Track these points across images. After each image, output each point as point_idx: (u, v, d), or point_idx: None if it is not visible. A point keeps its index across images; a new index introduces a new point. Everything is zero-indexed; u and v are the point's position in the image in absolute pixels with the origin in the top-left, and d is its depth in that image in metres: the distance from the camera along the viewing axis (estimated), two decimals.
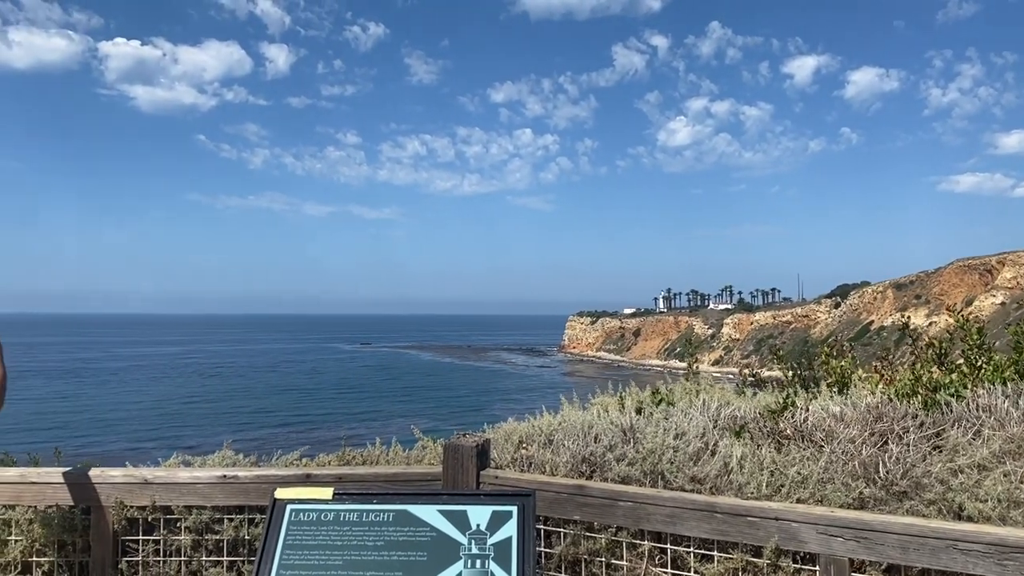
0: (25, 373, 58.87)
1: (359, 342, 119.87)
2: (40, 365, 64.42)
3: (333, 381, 57.23)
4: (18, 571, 3.14)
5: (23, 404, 38.03)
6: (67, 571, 3.13)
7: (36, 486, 3.09)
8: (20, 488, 3.10)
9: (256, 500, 3.09)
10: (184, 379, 59.10)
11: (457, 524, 2.53)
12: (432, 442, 3.66)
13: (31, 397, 42.05)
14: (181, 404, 45.62)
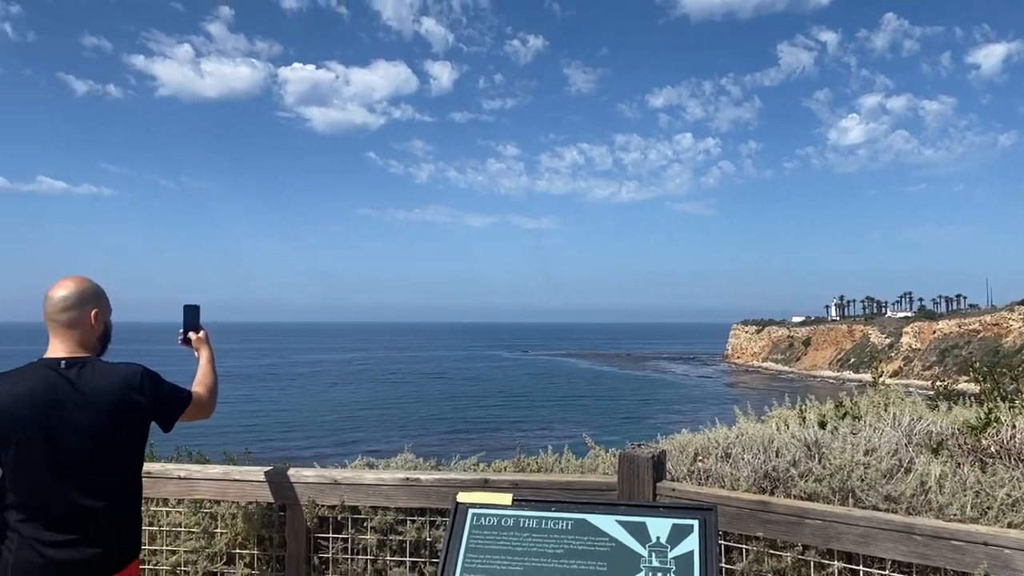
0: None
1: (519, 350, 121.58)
2: (228, 371, 69.73)
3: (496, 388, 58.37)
4: (224, 561, 3.40)
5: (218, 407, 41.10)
6: (266, 564, 3.36)
7: (238, 483, 3.33)
8: (224, 485, 3.35)
9: (437, 503, 3.18)
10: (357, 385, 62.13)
11: (636, 535, 2.50)
12: (604, 452, 3.65)
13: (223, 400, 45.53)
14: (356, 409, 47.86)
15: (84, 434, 2.52)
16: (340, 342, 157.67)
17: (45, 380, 2.54)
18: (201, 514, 3.43)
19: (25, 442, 2.48)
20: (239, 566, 3.36)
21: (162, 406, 2.72)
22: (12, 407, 2.48)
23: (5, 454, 2.49)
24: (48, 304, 2.64)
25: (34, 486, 2.50)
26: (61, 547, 2.49)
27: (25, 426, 2.47)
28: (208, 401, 2.96)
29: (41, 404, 2.50)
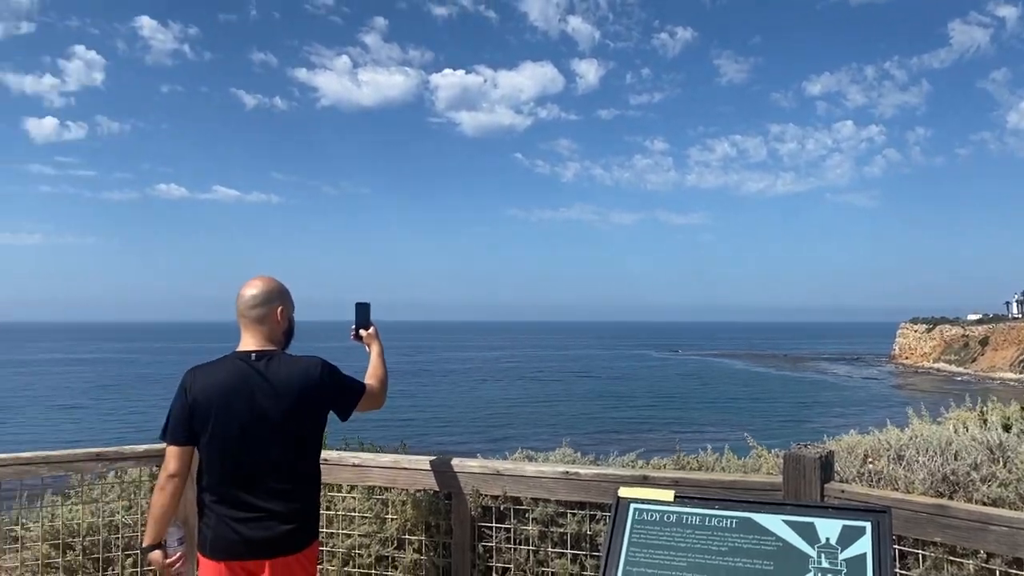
0: None
1: (668, 349, 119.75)
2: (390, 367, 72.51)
3: (645, 388, 57.82)
4: (395, 546, 3.59)
5: None
6: (433, 550, 3.52)
7: (407, 471, 3.50)
8: (394, 472, 3.53)
9: (596, 497, 3.23)
10: (507, 382, 63.27)
11: (804, 536, 2.45)
12: (767, 452, 3.58)
13: None
14: (505, 405, 48.66)
15: (272, 420, 2.75)
16: (489, 340, 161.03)
17: (238, 371, 2.79)
18: (373, 500, 3.64)
19: (220, 427, 2.74)
20: (408, 551, 3.53)
21: (340, 396, 2.92)
22: (210, 395, 2.75)
23: (203, 438, 2.76)
24: (240, 301, 2.89)
25: (228, 468, 2.75)
26: (252, 525, 2.72)
27: (220, 412, 2.73)
28: (380, 392, 3.13)
29: (234, 393, 2.75)
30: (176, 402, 2.80)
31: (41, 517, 3.82)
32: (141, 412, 42.23)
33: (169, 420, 2.81)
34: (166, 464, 2.79)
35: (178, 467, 2.77)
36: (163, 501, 2.77)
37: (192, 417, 2.75)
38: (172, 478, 2.77)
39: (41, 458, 3.54)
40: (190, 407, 2.75)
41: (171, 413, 2.81)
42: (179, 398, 2.79)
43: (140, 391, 53.33)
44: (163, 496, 2.77)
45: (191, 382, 2.79)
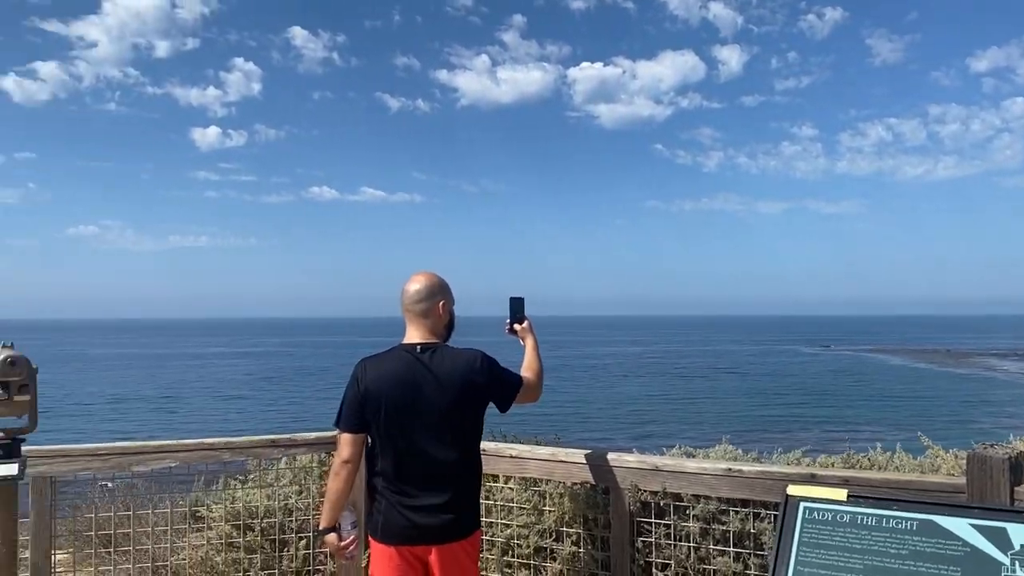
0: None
1: (818, 344, 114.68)
2: None
3: (795, 384, 55.62)
4: (552, 538, 3.63)
5: None
6: (591, 543, 3.53)
7: (564, 464, 3.53)
8: (551, 465, 3.57)
9: (760, 495, 3.14)
10: (649, 378, 62.45)
11: (995, 542, 2.29)
12: (944, 452, 3.37)
13: None
14: (647, 402, 48.07)
15: (437, 411, 2.84)
16: (630, 335, 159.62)
17: (405, 363, 2.90)
18: (531, 491, 3.69)
19: (389, 416, 2.86)
20: (566, 543, 3.56)
21: (499, 389, 2.99)
22: (380, 385, 2.88)
23: (374, 426, 2.89)
24: (404, 296, 3.01)
25: (397, 457, 2.87)
26: (420, 512, 2.83)
27: (389, 402, 2.85)
28: (536, 385, 3.18)
29: (402, 384, 2.86)
30: (349, 391, 2.94)
31: (224, 499, 4.11)
32: (299, 403, 44.61)
33: (342, 408, 2.96)
34: (340, 450, 2.94)
35: (351, 454, 2.92)
36: (338, 486, 2.93)
37: (364, 406, 2.88)
38: (346, 464, 2.92)
39: (224, 444, 3.81)
40: (362, 396, 2.89)
41: (344, 402, 2.96)
42: (351, 387, 2.93)
43: (298, 383, 56.25)
44: (338, 481, 2.92)
45: (363, 372, 2.93)
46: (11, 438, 3.00)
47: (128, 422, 34.05)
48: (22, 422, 3.04)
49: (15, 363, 2.88)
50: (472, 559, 2.94)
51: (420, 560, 2.84)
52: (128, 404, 41.52)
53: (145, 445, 3.71)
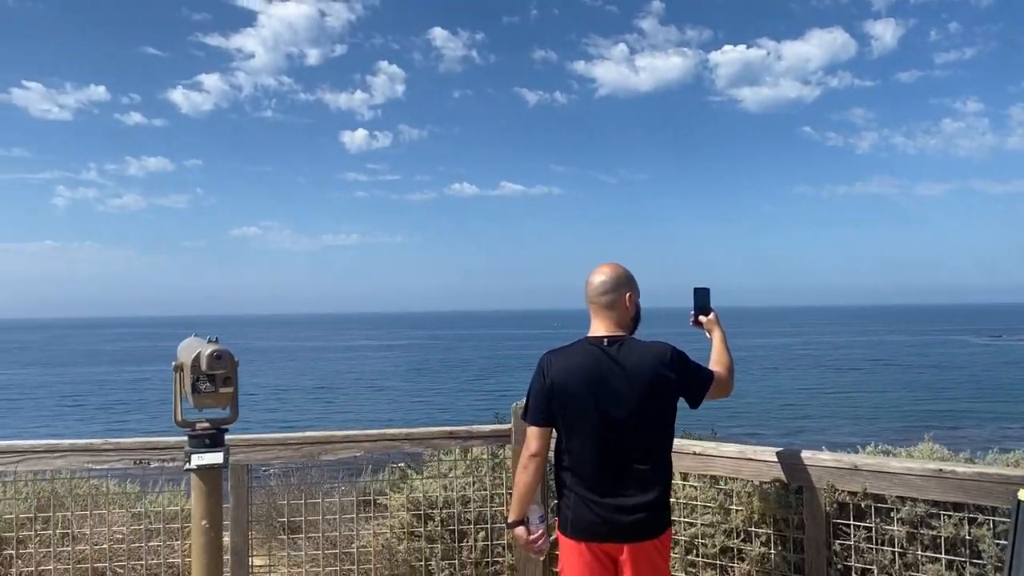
0: None
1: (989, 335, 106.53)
2: None
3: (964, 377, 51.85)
4: (740, 538, 3.48)
5: None
6: (782, 545, 3.36)
7: (753, 462, 3.37)
8: (739, 463, 3.42)
9: (975, 498, 2.88)
10: (800, 370, 59.96)
11: None
12: None
13: None
14: (799, 395, 46.22)
15: (626, 405, 2.76)
16: (778, 326, 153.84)
17: (591, 356, 2.83)
18: (716, 490, 3.56)
19: (578, 411, 2.79)
20: (755, 544, 3.41)
21: (690, 383, 2.87)
22: (566, 379, 2.82)
23: (563, 421, 2.84)
24: (589, 288, 2.94)
25: (586, 451, 2.80)
26: (612, 508, 2.75)
27: (578, 397, 2.79)
28: (728, 381, 3.04)
29: (589, 377, 2.79)
30: (535, 384, 2.90)
31: (405, 489, 4.21)
32: (445, 394, 45.79)
33: (529, 401, 2.92)
34: (528, 444, 2.90)
35: (539, 447, 2.88)
36: (527, 479, 2.89)
37: (551, 399, 2.83)
38: (534, 457, 2.88)
39: (404, 435, 3.89)
40: (548, 389, 2.83)
41: (531, 395, 2.92)
42: (537, 380, 2.89)
43: (443, 374, 57.76)
44: (526, 475, 2.89)
45: (548, 365, 2.87)
46: (216, 428, 3.17)
47: (289, 411, 36.00)
48: (225, 413, 3.20)
49: (221, 357, 3.03)
50: (664, 558, 2.85)
51: (610, 557, 2.77)
52: (290, 394, 43.86)
53: (333, 435, 3.84)
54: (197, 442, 3.12)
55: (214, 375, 3.05)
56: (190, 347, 3.18)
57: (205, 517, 3.09)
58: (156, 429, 33.47)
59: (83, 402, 44.06)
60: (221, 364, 3.04)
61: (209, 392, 3.05)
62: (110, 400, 44.62)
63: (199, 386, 3.05)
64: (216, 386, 3.06)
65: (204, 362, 3.01)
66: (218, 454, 3.12)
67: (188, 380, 3.05)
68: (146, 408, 40.15)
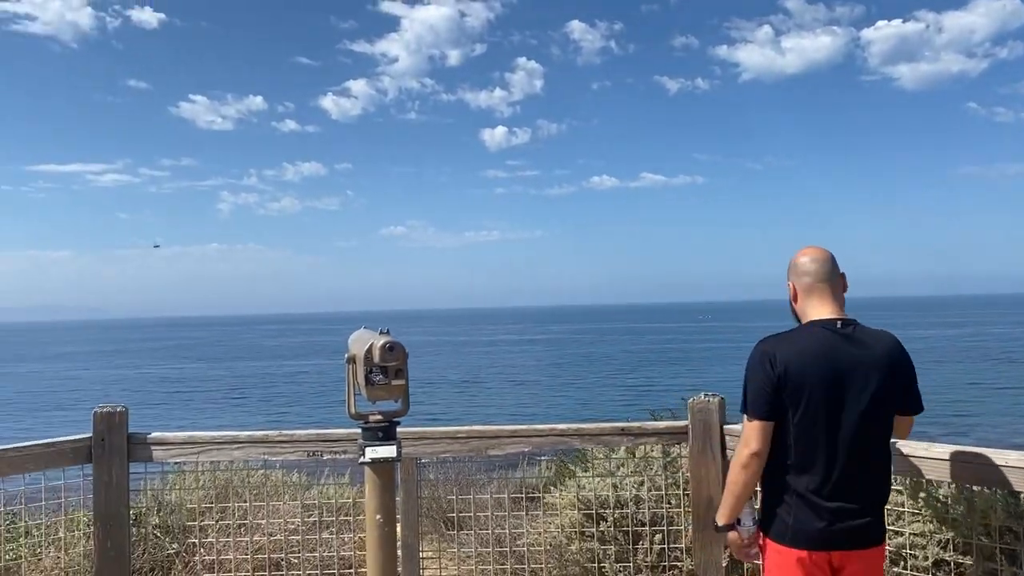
0: None
1: None
2: None
3: None
4: (959, 550, 3.09)
5: None
6: (1010, 561, 2.95)
7: (970, 466, 2.96)
8: (956, 466, 3.00)
9: None
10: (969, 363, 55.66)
11: None
12: None
13: None
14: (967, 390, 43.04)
15: (869, 393, 2.46)
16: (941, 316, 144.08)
17: (827, 340, 2.52)
18: (927, 495, 3.18)
19: (817, 401, 2.47)
20: (978, 558, 3.02)
21: (913, 385, 2.57)
22: (803, 369, 2.48)
23: (793, 414, 2.50)
24: (813, 267, 2.63)
25: (819, 447, 2.48)
26: (840, 513, 2.45)
27: (817, 386, 2.47)
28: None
29: (829, 364, 2.48)
30: (757, 375, 2.55)
31: (571, 486, 4.05)
32: (585, 388, 45.56)
33: (748, 394, 2.57)
34: (747, 440, 2.55)
35: (761, 445, 2.53)
36: (745, 479, 2.57)
37: (780, 391, 2.49)
38: (755, 456, 2.53)
39: (574, 431, 3.72)
40: (777, 380, 2.49)
41: (751, 387, 2.57)
42: (761, 371, 2.54)
43: (584, 368, 57.49)
44: (745, 474, 2.56)
45: (771, 354, 2.54)
46: (389, 421, 3.10)
47: (434, 404, 36.86)
48: (397, 406, 3.14)
49: (393, 349, 2.96)
50: (882, 568, 2.54)
51: (830, 566, 2.46)
52: (435, 387, 44.93)
53: (500, 430, 3.72)
54: (370, 435, 3.06)
55: (386, 367, 2.98)
56: (362, 339, 3.14)
57: (380, 511, 3.03)
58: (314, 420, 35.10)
59: (247, 394, 46.86)
60: (393, 356, 2.97)
61: (382, 384, 2.98)
62: (270, 392, 47.23)
63: (372, 378, 2.99)
64: (389, 378, 2.99)
65: (376, 354, 2.95)
66: (391, 447, 3.05)
67: (361, 372, 3.00)
68: (304, 400, 42.26)
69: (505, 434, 3.69)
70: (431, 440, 3.68)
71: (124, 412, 3.66)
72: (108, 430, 3.62)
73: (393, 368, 3.00)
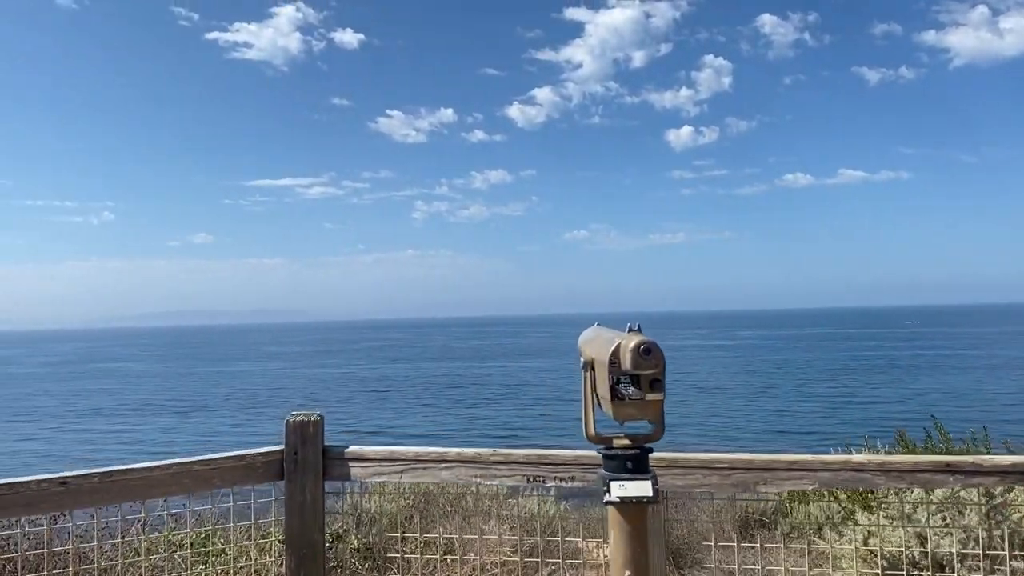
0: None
1: None
2: None
3: None
4: None
5: None
6: None
7: None
8: None
9: None
10: None
11: None
12: None
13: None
14: None
15: None
16: None
17: None
18: None
19: None
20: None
21: None
22: None
23: None
24: None
25: None
26: None
27: None
28: None
29: None
30: None
31: (855, 530, 3.12)
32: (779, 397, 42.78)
33: None
34: None
35: None
36: None
37: None
38: None
39: (877, 464, 2.78)
40: None
41: None
42: None
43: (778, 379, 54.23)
44: None
45: None
46: (639, 447, 2.36)
47: None
48: (648, 428, 2.39)
49: (650, 352, 2.18)
50: None
51: None
52: None
53: (774, 460, 2.86)
54: (616, 465, 2.33)
55: (639, 375, 2.23)
56: (601, 339, 2.40)
57: (630, 566, 2.29)
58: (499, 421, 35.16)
59: (437, 394, 47.99)
60: (650, 361, 2.19)
61: (635, 400, 2.23)
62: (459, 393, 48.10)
63: (620, 390, 2.25)
64: (643, 390, 2.24)
65: (627, 358, 2.18)
66: (645, 483, 2.30)
67: (605, 382, 2.26)
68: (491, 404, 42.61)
69: (780, 465, 2.84)
70: (683, 470, 2.89)
71: (319, 422, 3.15)
72: (302, 442, 3.13)
73: (648, 377, 2.23)
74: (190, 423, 37.65)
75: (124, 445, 32.15)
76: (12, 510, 2.73)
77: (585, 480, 2.95)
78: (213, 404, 45.23)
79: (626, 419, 2.29)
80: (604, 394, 2.28)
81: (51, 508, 2.78)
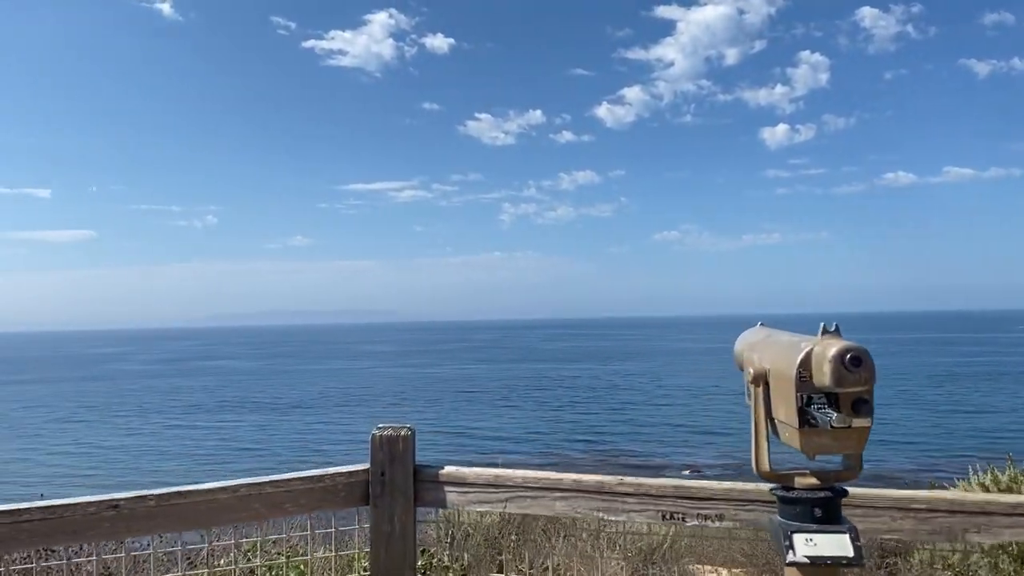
0: None
1: None
2: None
3: None
4: None
5: None
6: None
7: None
8: None
9: None
10: None
11: None
12: None
13: None
14: None
15: None
16: None
17: None
18: None
19: None
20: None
21: None
22: None
23: None
24: None
25: None
26: None
27: None
28: None
29: None
30: None
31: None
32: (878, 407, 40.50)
33: None
34: None
35: None
36: None
37: None
38: None
39: None
40: None
41: None
42: None
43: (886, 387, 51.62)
44: None
45: None
46: (830, 487, 1.76)
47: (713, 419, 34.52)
48: (835, 461, 1.79)
49: (860, 362, 1.58)
50: None
51: None
52: (711, 399, 42.37)
53: (990, 502, 2.19)
54: (799, 512, 1.74)
55: (840, 394, 1.63)
56: (783, 345, 1.79)
57: None
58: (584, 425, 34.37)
59: (525, 396, 47.50)
60: (859, 375, 1.59)
61: (839, 427, 1.63)
62: (544, 395, 47.49)
63: (816, 414, 1.65)
64: (846, 414, 1.64)
65: (827, 370, 1.58)
66: (843, 538, 1.69)
67: (790, 402, 1.67)
68: (578, 406, 41.84)
69: (998, 509, 2.18)
70: (863, 510, 2.26)
71: (409, 436, 2.65)
72: (390, 461, 2.63)
73: (851, 396, 1.64)
74: (286, 420, 38.24)
75: (222, 441, 32.88)
76: (56, 538, 2.32)
77: (737, 520, 2.36)
78: (308, 401, 45.95)
79: (818, 452, 1.69)
80: (786, 419, 1.70)
81: (101, 536, 2.36)
